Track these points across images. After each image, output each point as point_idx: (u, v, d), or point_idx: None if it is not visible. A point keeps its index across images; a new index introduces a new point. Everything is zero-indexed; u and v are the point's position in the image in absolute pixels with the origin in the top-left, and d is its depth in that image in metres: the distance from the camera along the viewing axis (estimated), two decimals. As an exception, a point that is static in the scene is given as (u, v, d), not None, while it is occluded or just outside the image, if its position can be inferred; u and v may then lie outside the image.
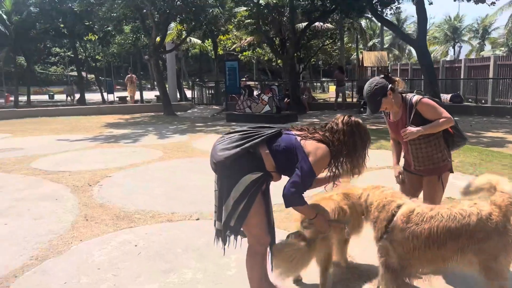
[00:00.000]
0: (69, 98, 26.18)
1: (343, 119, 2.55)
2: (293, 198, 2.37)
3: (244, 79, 17.83)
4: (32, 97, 28.43)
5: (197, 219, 4.42)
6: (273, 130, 2.55)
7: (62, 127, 12.72)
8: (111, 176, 6.29)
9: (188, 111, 17.06)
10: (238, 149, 2.42)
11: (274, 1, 18.60)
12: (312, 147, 2.44)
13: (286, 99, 14.65)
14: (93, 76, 46.32)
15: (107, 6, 13.64)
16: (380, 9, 14.72)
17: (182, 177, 6.15)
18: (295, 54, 16.70)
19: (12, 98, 27.90)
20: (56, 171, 6.61)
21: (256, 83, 23.02)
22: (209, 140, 9.74)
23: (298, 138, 2.50)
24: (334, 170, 2.55)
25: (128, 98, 23.02)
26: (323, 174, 2.62)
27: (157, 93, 29.89)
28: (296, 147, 2.45)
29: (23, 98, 26.78)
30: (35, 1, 21.79)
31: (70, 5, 21.70)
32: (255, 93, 14.13)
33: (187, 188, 5.56)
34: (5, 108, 19.74)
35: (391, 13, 18.28)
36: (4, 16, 21.75)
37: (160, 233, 4.05)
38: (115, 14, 14.12)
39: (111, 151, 8.52)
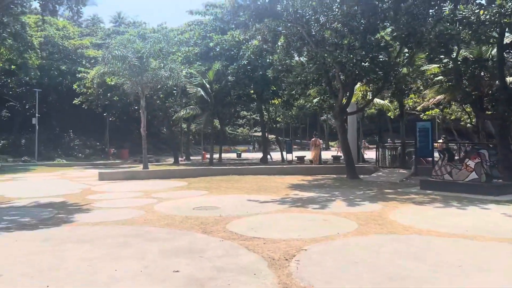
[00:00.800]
0: (268, 155, 28.56)
1: None
2: None
3: (440, 140, 15.92)
4: (223, 155, 31.58)
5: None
6: None
7: (250, 186, 13.17)
8: (306, 249, 5.68)
9: (373, 175, 15.95)
10: None
11: (474, 55, 16.58)
12: None
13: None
14: (273, 136, 49.59)
15: (298, 70, 14.13)
16: None
17: (391, 262, 5.11)
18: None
19: (208, 156, 31.59)
20: (251, 237, 6.37)
21: (442, 144, 20.55)
22: (408, 212, 8.46)
23: None
24: None
25: (308, 158, 23.27)
26: None
27: (333, 153, 29.64)
28: None
29: (215, 156, 29.76)
30: (232, 71, 24.56)
31: (261, 72, 23.74)
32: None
33: (402, 280, 4.49)
34: (202, 166, 22.11)
35: None
36: (207, 85, 25.07)
37: None
38: (303, 78, 14.51)
39: (301, 217, 8.07)
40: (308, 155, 27.17)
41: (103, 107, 33.69)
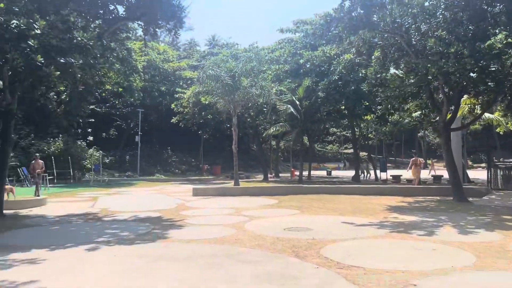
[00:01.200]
0: (362, 174, 27.44)
1: None
2: None
3: None
4: (312, 173, 30.92)
5: None
6: None
7: (344, 207, 12.45)
8: (416, 285, 4.94)
9: (484, 198, 14.16)
10: None
11: None
12: None
13: None
14: (365, 153, 47.60)
15: (397, 83, 13.18)
16: None
17: (528, 309, 4.19)
18: None
19: (296, 173, 31.18)
20: (349, 265, 5.78)
21: None
22: (539, 246, 7.14)
23: None
24: None
25: (404, 177, 21.68)
26: None
27: (432, 172, 27.30)
28: None
29: (304, 173, 29.19)
30: (323, 87, 24.00)
31: (353, 87, 22.86)
32: None
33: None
34: (291, 183, 21.74)
35: None
36: (297, 102, 24.81)
37: None
38: (402, 92, 13.50)
39: (405, 244, 7.22)
40: (405, 174, 25.40)
41: (198, 125, 35.24)
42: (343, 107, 26.31)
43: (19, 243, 7.59)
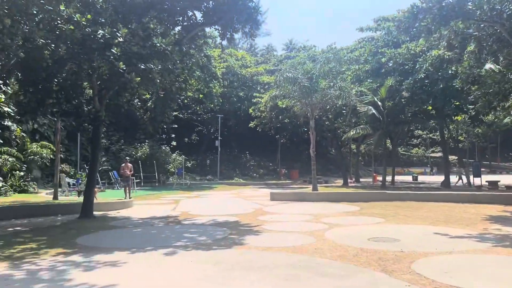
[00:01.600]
0: (460, 181, 25.52)
1: None
2: None
3: None
4: (396, 178, 29.16)
5: None
6: None
7: (434, 215, 11.32)
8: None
9: None
10: None
11: None
12: None
13: None
14: (454, 157, 43.97)
15: (498, 78, 11.72)
16: None
17: None
18: None
19: (379, 178, 29.66)
20: (447, 285, 5.02)
21: None
22: None
23: None
24: None
25: (500, 183, 19.42)
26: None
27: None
28: None
29: (388, 178, 27.61)
30: (407, 87, 22.47)
31: (441, 86, 21.10)
32: None
33: None
34: (374, 189, 20.59)
35: None
36: (379, 103, 23.53)
37: None
38: (502, 88, 11.99)
39: (514, 263, 6.20)
40: (504, 179, 22.85)
41: (275, 129, 35.23)
42: (430, 108, 24.45)
43: (104, 244, 7.88)
